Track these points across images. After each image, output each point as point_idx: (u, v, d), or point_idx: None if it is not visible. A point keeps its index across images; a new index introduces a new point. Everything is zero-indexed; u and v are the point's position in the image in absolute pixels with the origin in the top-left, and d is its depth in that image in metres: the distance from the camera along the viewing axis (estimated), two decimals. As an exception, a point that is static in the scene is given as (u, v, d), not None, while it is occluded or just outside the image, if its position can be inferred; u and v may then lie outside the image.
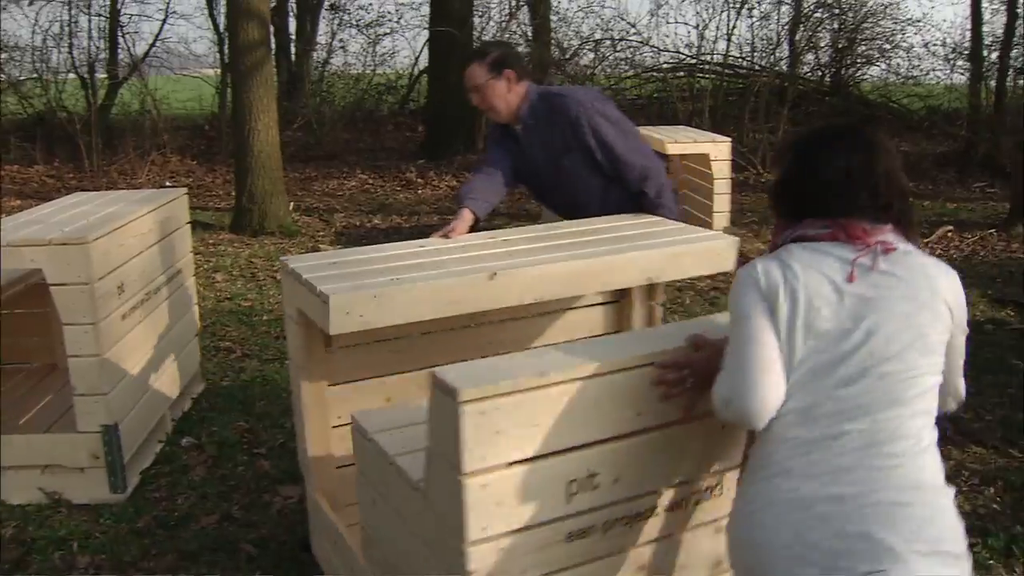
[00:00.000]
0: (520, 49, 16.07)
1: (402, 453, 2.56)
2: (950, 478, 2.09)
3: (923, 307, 2.03)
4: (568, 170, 3.89)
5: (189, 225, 5.19)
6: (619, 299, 3.88)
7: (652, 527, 2.45)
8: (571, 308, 3.80)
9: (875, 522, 1.90)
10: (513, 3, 16.13)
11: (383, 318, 2.84)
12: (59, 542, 3.74)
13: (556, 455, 2.21)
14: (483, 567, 2.18)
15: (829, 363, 2.01)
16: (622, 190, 3.91)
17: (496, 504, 2.16)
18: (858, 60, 15.68)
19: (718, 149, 8.09)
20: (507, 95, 3.89)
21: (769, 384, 2.02)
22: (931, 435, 2.03)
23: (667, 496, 2.45)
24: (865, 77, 15.85)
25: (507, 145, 4.00)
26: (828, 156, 2.16)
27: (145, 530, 3.82)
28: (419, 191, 12.42)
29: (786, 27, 15.32)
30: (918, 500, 1.94)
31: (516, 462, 2.17)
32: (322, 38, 17.65)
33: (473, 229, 3.67)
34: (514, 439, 2.15)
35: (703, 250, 3.33)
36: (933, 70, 15.67)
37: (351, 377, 3.38)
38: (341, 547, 3.13)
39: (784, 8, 15.55)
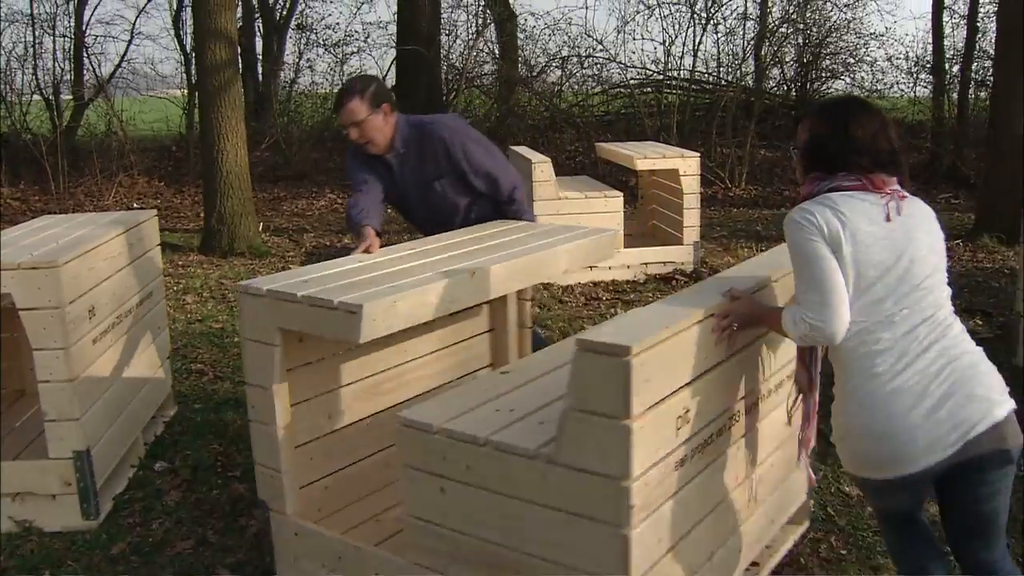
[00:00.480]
0: (487, 67, 16.15)
1: (494, 431, 2.81)
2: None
3: (935, 238, 2.66)
4: (438, 193, 4.27)
5: (160, 247, 5.15)
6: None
7: (722, 445, 3.00)
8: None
9: (970, 382, 2.55)
10: (480, 21, 16.19)
11: (395, 323, 3.07)
12: (32, 571, 3.69)
13: (671, 396, 2.63)
14: (639, 502, 2.55)
15: (892, 284, 2.56)
16: (483, 204, 4.35)
17: (642, 444, 2.53)
18: (823, 74, 15.84)
19: (687, 164, 8.12)
20: (384, 127, 4.16)
21: (846, 310, 2.56)
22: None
23: (728, 415, 3.01)
24: (830, 91, 15.99)
25: (373, 167, 4.25)
26: (858, 121, 2.66)
27: (120, 557, 3.78)
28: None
29: (751, 42, 15.45)
30: (981, 360, 2.62)
31: (652, 406, 2.55)
32: (289, 58, 17.60)
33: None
34: (655, 385, 2.55)
35: (599, 242, 4.01)
36: (897, 83, 15.84)
37: (303, 397, 3.46)
38: (358, 556, 3.22)
39: (749, 24, 15.72)
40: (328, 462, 3.60)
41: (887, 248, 2.57)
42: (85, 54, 16.38)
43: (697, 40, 14.94)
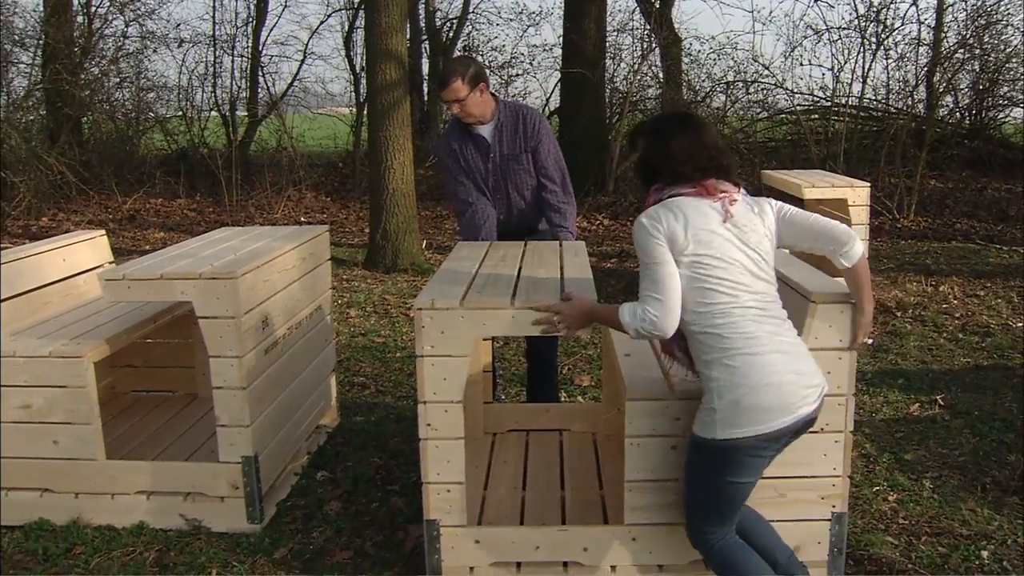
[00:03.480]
0: (651, 91, 16.06)
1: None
2: None
3: (764, 236, 3.01)
4: (518, 169, 4.95)
5: (330, 262, 5.28)
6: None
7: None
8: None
9: (800, 360, 2.93)
10: (645, 45, 16.13)
11: None
12: (199, 569, 3.82)
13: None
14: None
15: (739, 276, 2.92)
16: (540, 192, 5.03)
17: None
18: (1000, 102, 15.18)
19: (856, 194, 7.88)
20: (481, 103, 4.84)
21: (679, 310, 2.93)
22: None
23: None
24: (1008, 119, 15.33)
25: (468, 155, 4.95)
26: (675, 136, 3.02)
27: (281, 561, 3.88)
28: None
29: (924, 68, 14.93)
30: (802, 346, 3.01)
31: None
32: (454, 79, 17.87)
33: None
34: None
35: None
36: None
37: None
38: (562, 537, 3.52)
39: (922, 49, 15.18)
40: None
41: (725, 244, 2.93)
42: (260, 73, 17.06)
43: (867, 66, 14.51)
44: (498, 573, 3.53)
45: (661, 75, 16.10)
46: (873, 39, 14.40)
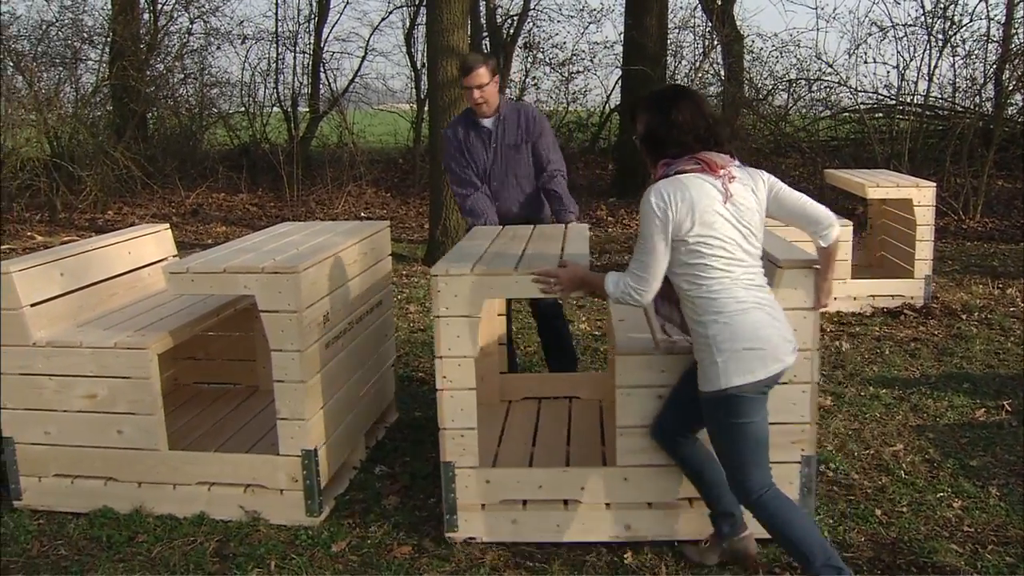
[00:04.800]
0: (712, 88, 15.94)
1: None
2: None
3: (755, 212, 3.29)
4: (518, 158, 5.39)
5: (390, 257, 5.31)
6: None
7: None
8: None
9: (780, 320, 3.30)
10: (707, 42, 16.01)
11: None
12: (258, 560, 3.86)
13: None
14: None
15: (734, 252, 3.23)
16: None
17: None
18: (1072, 100, 14.81)
19: (922, 194, 7.75)
20: (495, 93, 5.32)
21: (658, 285, 3.30)
22: None
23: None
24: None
25: (472, 147, 5.39)
26: (677, 106, 3.26)
27: (339, 555, 3.90)
28: (609, 229, 12.40)
29: (993, 66, 14.63)
30: (780, 309, 3.36)
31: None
32: (515, 75, 17.90)
33: None
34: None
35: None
36: None
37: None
38: (564, 477, 3.95)
39: (991, 46, 14.87)
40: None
41: (728, 220, 3.21)
42: (322, 69, 17.21)
43: (933, 63, 14.25)
44: (506, 509, 3.93)
45: (723, 72, 15.97)
46: (940, 36, 14.14)
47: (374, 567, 3.80)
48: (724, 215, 3.21)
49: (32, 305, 4.22)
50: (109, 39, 15.81)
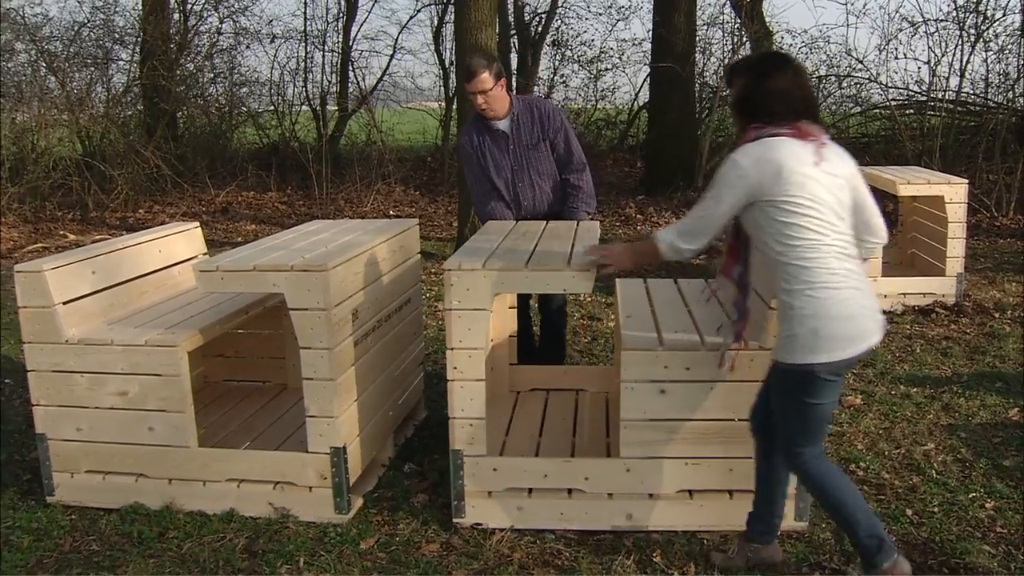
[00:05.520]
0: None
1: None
2: None
3: (846, 182, 3.27)
4: (538, 156, 5.34)
5: (419, 255, 5.32)
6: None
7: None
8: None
9: (869, 296, 3.24)
10: (736, 39, 15.93)
11: None
12: (287, 556, 3.87)
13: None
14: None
15: (828, 216, 3.18)
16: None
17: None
18: (1106, 96, 14.62)
19: (954, 191, 7.68)
20: (501, 97, 5.21)
21: (704, 244, 3.37)
22: None
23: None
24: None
25: (488, 151, 5.34)
26: (774, 75, 3.25)
27: (368, 552, 3.91)
28: (638, 227, 12.35)
29: (1026, 62, 14.46)
30: (869, 285, 3.31)
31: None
32: (544, 73, 17.89)
33: None
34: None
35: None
36: None
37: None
38: (567, 467, 4.04)
39: (1025, 41, 14.70)
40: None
41: (821, 184, 3.16)
42: (351, 68, 17.26)
43: (965, 59, 14.11)
44: (512, 497, 4.05)
45: (752, 69, 15.84)
46: (972, 31, 14.01)
47: (402, 564, 3.80)
48: (815, 177, 3.16)
49: (64, 303, 4.25)
50: (140, 39, 15.91)
